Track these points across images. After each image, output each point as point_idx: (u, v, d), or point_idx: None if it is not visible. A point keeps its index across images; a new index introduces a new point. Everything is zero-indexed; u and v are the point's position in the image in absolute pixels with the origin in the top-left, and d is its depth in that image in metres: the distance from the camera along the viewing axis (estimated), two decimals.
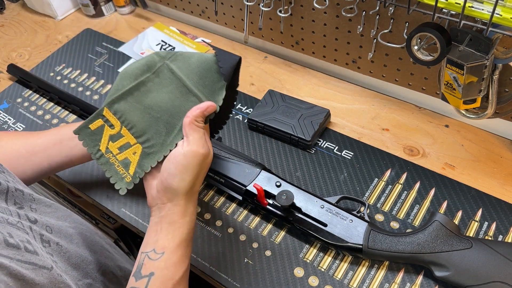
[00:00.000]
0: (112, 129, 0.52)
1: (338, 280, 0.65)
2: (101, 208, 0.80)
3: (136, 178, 0.52)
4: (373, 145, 0.81)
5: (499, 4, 0.58)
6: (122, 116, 0.52)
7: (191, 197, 0.52)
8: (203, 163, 0.51)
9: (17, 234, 0.46)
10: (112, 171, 0.53)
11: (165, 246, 0.50)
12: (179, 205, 0.51)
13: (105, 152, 0.53)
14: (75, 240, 0.59)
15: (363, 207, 0.69)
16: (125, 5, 1.19)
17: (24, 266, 0.43)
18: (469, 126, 0.82)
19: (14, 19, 1.26)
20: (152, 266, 0.49)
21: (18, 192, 0.54)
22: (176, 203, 0.51)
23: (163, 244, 0.50)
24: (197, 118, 0.51)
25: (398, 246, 0.62)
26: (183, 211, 0.51)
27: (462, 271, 0.59)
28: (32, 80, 1.00)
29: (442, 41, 0.66)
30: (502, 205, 0.70)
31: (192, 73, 0.52)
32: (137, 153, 0.51)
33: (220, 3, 1.02)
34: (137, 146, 0.51)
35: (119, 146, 0.52)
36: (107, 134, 0.52)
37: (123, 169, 0.52)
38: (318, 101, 0.90)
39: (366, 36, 0.84)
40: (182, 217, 0.51)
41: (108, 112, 0.52)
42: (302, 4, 0.88)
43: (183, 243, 0.51)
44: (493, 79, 0.70)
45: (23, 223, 0.50)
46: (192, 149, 0.50)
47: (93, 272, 0.59)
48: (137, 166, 0.51)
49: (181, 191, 0.50)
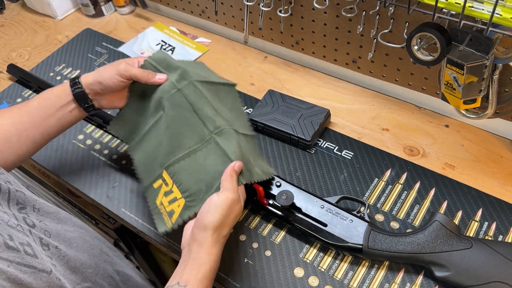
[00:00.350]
0: (167, 187, 0.64)
1: (338, 280, 0.65)
2: (101, 208, 0.80)
3: (176, 225, 0.62)
4: (373, 145, 0.81)
5: (499, 4, 0.58)
6: (174, 176, 0.64)
7: (219, 239, 0.57)
8: (233, 206, 0.58)
9: (18, 236, 0.47)
10: (159, 218, 0.64)
11: (189, 280, 0.54)
12: (206, 243, 0.56)
13: (159, 205, 0.64)
14: (74, 244, 0.59)
15: (363, 207, 0.69)
16: (125, 5, 1.19)
17: (23, 270, 0.44)
18: (469, 126, 0.82)
19: (14, 19, 1.26)
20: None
21: (20, 193, 0.54)
22: (204, 241, 0.56)
23: (187, 278, 0.54)
24: (232, 172, 0.60)
25: (398, 246, 0.62)
26: (209, 250, 0.56)
27: (462, 271, 0.59)
28: (32, 80, 1.00)
29: (442, 41, 0.66)
30: (502, 205, 0.70)
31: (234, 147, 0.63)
32: (180, 206, 0.62)
33: (220, 3, 1.02)
34: (182, 200, 0.62)
35: (169, 200, 0.63)
36: (163, 191, 0.64)
37: (167, 218, 0.63)
38: (318, 101, 0.90)
39: (366, 36, 0.84)
40: (207, 255, 0.56)
41: (166, 174, 0.64)
42: (302, 4, 0.88)
43: (204, 280, 0.55)
44: (493, 79, 0.70)
45: (23, 226, 0.50)
46: (225, 193, 0.58)
47: (92, 276, 0.59)
48: (178, 216, 0.62)
49: (209, 226, 0.56)
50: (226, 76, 0.98)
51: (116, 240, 1.04)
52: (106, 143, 0.88)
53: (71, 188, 0.84)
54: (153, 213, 0.65)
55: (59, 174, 0.84)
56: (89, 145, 0.88)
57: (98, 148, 0.87)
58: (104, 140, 0.88)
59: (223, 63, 1.02)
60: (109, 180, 0.81)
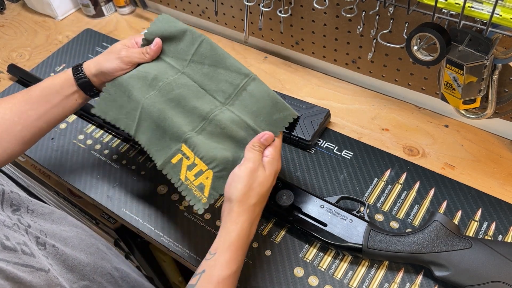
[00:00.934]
0: (188, 160, 0.62)
1: (338, 280, 0.65)
2: (101, 208, 0.80)
3: (211, 198, 0.61)
4: (373, 145, 0.81)
5: (499, 4, 0.58)
6: (195, 148, 0.62)
7: (245, 208, 0.58)
8: (253, 175, 0.58)
9: (14, 236, 0.46)
10: (191, 195, 0.61)
11: (217, 247, 0.56)
12: (233, 211, 0.57)
13: (184, 180, 0.62)
14: (70, 243, 0.59)
15: (363, 207, 0.69)
16: (125, 5, 1.19)
17: (21, 269, 0.44)
18: (469, 126, 0.82)
19: (14, 19, 1.26)
20: (205, 265, 0.56)
21: (14, 194, 0.54)
22: (230, 210, 0.58)
23: (216, 246, 0.57)
24: (254, 143, 0.61)
25: (398, 246, 0.62)
26: (235, 217, 0.57)
27: (461, 271, 0.59)
28: (32, 80, 1.00)
29: (442, 41, 0.66)
30: (501, 205, 0.70)
31: (249, 113, 0.64)
32: (209, 178, 0.61)
33: (220, 4, 1.03)
34: (209, 171, 0.61)
35: (194, 174, 0.61)
36: (185, 165, 0.62)
37: (199, 192, 0.61)
38: (318, 101, 0.90)
39: (366, 36, 0.84)
40: (234, 223, 0.57)
41: (185, 147, 0.63)
42: (302, 4, 0.88)
43: (232, 247, 0.56)
44: (492, 79, 0.71)
45: (19, 225, 0.50)
46: (244, 164, 0.59)
47: (90, 274, 0.59)
48: (210, 188, 0.61)
49: (233, 197, 0.57)
50: None
51: (117, 240, 1.04)
52: (107, 143, 0.88)
53: (71, 188, 0.84)
54: (180, 189, 0.63)
55: (59, 174, 0.84)
56: (89, 145, 0.88)
57: (99, 148, 0.87)
58: (104, 140, 0.89)
59: None
60: (109, 180, 0.82)
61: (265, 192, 0.60)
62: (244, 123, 0.64)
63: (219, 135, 0.63)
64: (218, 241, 0.57)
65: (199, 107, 0.65)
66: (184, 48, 0.70)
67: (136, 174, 0.82)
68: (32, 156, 0.87)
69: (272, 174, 0.61)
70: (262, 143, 0.61)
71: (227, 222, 0.57)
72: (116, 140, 0.88)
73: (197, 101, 0.66)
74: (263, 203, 0.61)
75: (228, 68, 0.67)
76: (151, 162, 0.83)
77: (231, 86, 0.66)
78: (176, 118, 0.64)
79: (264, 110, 0.64)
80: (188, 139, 0.62)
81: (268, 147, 0.62)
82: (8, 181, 0.57)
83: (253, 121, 0.64)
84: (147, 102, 0.66)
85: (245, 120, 0.64)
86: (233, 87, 0.66)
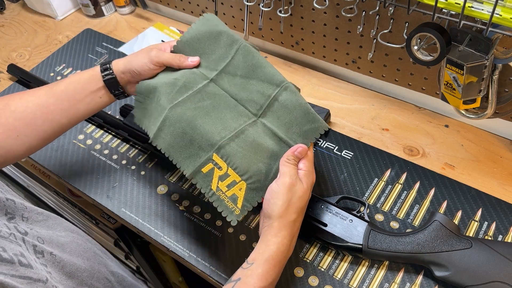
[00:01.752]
0: (220, 170, 0.61)
1: (338, 280, 0.65)
2: (101, 208, 0.80)
3: (245, 210, 0.60)
4: (373, 145, 0.81)
5: (499, 4, 0.58)
6: (228, 159, 0.61)
7: (286, 223, 0.58)
8: (291, 190, 0.58)
9: (10, 247, 0.46)
10: (223, 206, 0.60)
11: (255, 258, 0.56)
12: (272, 226, 0.57)
13: (216, 191, 0.61)
14: (67, 249, 0.59)
15: (363, 207, 0.69)
16: (125, 5, 1.19)
17: (19, 281, 0.43)
18: (469, 126, 0.82)
19: (14, 19, 1.26)
20: (241, 273, 0.55)
21: (10, 201, 0.54)
22: (270, 225, 0.58)
23: (254, 256, 0.56)
24: (288, 157, 0.61)
25: (398, 246, 0.62)
26: (275, 232, 0.57)
27: (462, 271, 0.59)
28: (32, 80, 1.00)
29: (442, 41, 0.66)
30: (502, 205, 0.70)
31: (281, 124, 0.64)
32: (242, 189, 0.60)
33: (220, 3, 1.03)
34: (242, 183, 0.60)
35: (227, 184, 0.60)
36: (217, 175, 0.61)
37: (232, 204, 0.60)
38: (318, 101, 0.90)
39: (366, 36, 0.84)
40: (273, 237, 0.57)
41: (217, 157, 0.61)
42: (302, 4, 0.88)
43: (270, 260, 0.56)
44: (493, 79, 0.71)
45: (16, 234, 0.50)
46: (281, 179, 0.59)
47: (88, 280, 0.59)
48: (244, 200, 0.60)
49: (273, 214, 0.57)
50: None
51: (116, 240, 1.04)
52: (107, 143, 0.88)
53: (71, 188, 0.84)
54: (212, 199, 0.61)
55: (59, 174, 0.84)
56: (89, 145, 0.88)
57: (99, 148, 0.87)
58: (104, 140, 0.89)
59: None
60: (109, 180, 0.82)
61: (304, 206, 0.60)
62: (276, 135, 0.64)
63: (251, 146, 0.62)
64: (257, 252, 0.57)
65: (231, 117, 0.64)
66: (217, 58, 0.68)
67: (136, 174, 0.82)
68: (32, 156, 0.87)
69: (309, 186, 0.61)
70: (296, 156, 0.61)
71: (267, 235, 0.57)
72: (116, 140, 0.88)
73: (229, 111, 0.65)
74: (301, 217, 0.61)
75: (261, 78, 0.66)
76: (151, 162, 0.83)
77: (263, 96, 0.65)
78: (207, 127, 0.63)
79: (296, 122, 0.64)
80: (221, 148, 0.61)
81: (302, 160, 0.62)
82: (4, 187, 0.57)
83: (285, 133, 0.64)
84: (177, 110, 0.64)
85: (277, 132, 0.64)
86: (265, 98, 0.65)
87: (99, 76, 0.68)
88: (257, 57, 0.67)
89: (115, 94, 0.70)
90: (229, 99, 0.66)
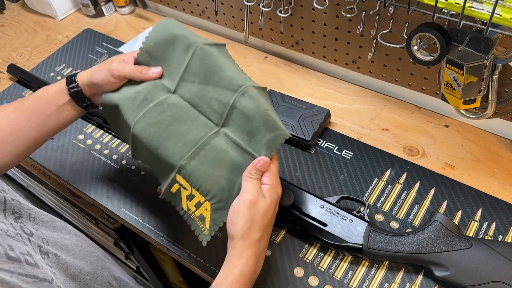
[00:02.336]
0: (186, 191, 0.60)
1: (338, 280, 0.65)
2: (101, 208, 0.80)
3: (212, 231, 0.59)
4: (373, 145, 0.81)
5: (499, 4, 0.58)
6: (190, 179, 0.59)
7: (249, 243, 0.55)
8: (253, 208, 0.55)
9: (18, 246, 0.46)
10: (194, 225, 0.60)
11: (220, 283, 0.54)
12: (236, 247, 0.55)
13: (186, 210, 0.60)
14: (71, 251, 0.59)
15: (363, 207, 0.69)
16: (125, 5, 1.19)
17: (25, 280, 0.43)
18: (469, 126, 0.82)
19: (14, 19, 1.26)
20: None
21: (16, 202, 0.54)
22: (234, 246, 0.55)
23: (219, 281, 0.54)
24: (250, 171, 0.57)
25: (398, 246, 0.62)
26: (238, 253, 0.55)
27: (461, 271, 0.59)
28: (32, 80, 1.00)
29: (442, 41, 0.66)
30: (502, 205, 0.70)
31: (243, 134, 0.60)
32: (208, 209, 0.58)
33: (220, 3, 1.03)
34: (207, 203, 0.59)
35: (194, 204, 0.59)
36: (184, 195, 0.60)
37: (201, 223, 0.59)
38: (318, 101, 0.90)
39: (366, 36, 0.84)
40: (237, 259, 0.55)
41: (180, 177, 0.59)
42: (302, 4, 0.88)
43: (234, 284, 0.54)
44: (493, 79, 0.71)
45: (22, 235, 0.50)
46: (242, 196, 0.56)
47: (91, 283, 0.59)
48: (210, 220, 0.58)
49: (236, 234, 0.55)
50: None
51: (116, 240, 1.04)
52: (107, 143, 0.88)
53: (71, 188, 0.84)
54: (185, 218, 0.60)
55: (59, 174, 0.84)
56: (89, 145, 0.88)
57: (98, 148, 0.87)
58: (104, 140, 0.89)
59: None
60: (109, 180, 0.81)
61: (268, 223, 0.57)
62: (239, 146, 0.60)
63: (213, 162, 0.59)
64: (221, 276, 0.55)
65: (192, 130, 0.61)
66: (176, 65, 0.64)
67: (136, 174, 0.82)
68: (32, 156, 0.87)
69: (274, 201, 0.58)
70: (258, 170, 0.57)
71: (230, 257, 0.55)
72: (116, 140, 0.88)
73: (190, 123, 0.61)
74: (268, 235, 0.58)
75: (217, 84, 0.61)
76: None
77: (221, 104, 0.60)
78: (168, 143, 0.60)
79: (258, 131, 0.59)
80: (182, 168, 0.59)
81: (265, 173, 0.58)
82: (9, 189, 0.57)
83: (248, 143, 0.60)
84: (137, 127, 0.62)
85: (240, 143, 0.60)
86: (223, 106, 0.60)
87: (65, 90, 0.66)
88: (213, 60, 0.62)
89: (83, 107, 0.68)
90: (191, 109, 0.62)
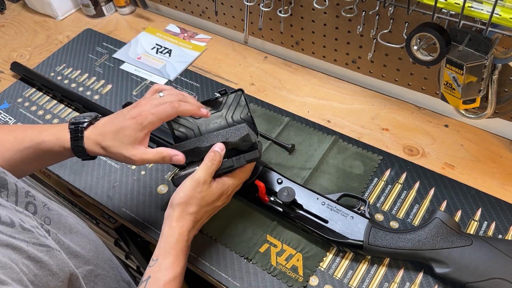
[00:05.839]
0: (276, 248, 0.69)
1: (338, 279, 0.65)
2: (101, 208, 0.80)
3: (307, 276, 0.66)
4: (373, 145, 0.81)
5: (499, 4, 0.58)
6: (281, 237, 0.70)
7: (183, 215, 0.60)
8: (197, 186, 0.60)
9: (27, 220, 0.48)
10: (286, 277, 0.66)
11: (158, 254, 0.58)
12: (169, 217, 0.60)
13: (276, 265, 0.67)
14: (74, 229, 0.60)
15: (364, 204, 0.69)
16: (126, 5, 1.19)
17: (39, 249, 0.46)
18: (469, 126, 0.83)
19: (14, 19, 1.26)
20: (149, 271, 0.57)
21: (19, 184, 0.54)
22: (168, 216, 0.61)
23: (157, 252, 0.59)
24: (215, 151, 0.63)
25: (399, 243, 0.62)
26: (171, 223, 0.60)
27: (462, 268, 0.59)
28: (35, 77, 1.00)
29: (442, 41, 0.66)
30: (501, 205, 0.70)
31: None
32: (299, 260, 0.67)
33: (220, 3, 1.03)
34: (298, 254, 0.68)
35: (285, 258, 0.68)
36: (274, 252, 0.69)
37: (293, 273, 0.66)
38: (318, 101, 0.90)
39: (366, 36, 0.84)
40: (169, 229, 0.59)
41: (270, 237, 0.70)
42: (302, 4, 0.88)
43: (172, 251, 0.58)
44: (492, 79, 0.71)
45: (26, 212, 0.51)
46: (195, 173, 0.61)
47: (94, 259, 0.61)
48: (303, 267, 0.66)
49: (174, 202, 0.60)
50: (226, 76, 0.99)
51: (117, 240, 1.04)
52: None
53: (71, 188, 0.84)
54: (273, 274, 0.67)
55: (59, 174, 0.84)
56: None
57: None
58: None
59: (223, 63, 1.02)
60: (109, 180, 0.82)
61: (206, 204, 0.62)
62: None
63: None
64: (158, 248, 0.59)
65: None
66: None
67: (137, 174, 0.82)
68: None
69: (218, 192, 0.62)
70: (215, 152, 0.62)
71: (165, 227, 0.60)
72: None
73: None
74: (204, 215, 0.63)
75: None
76: None
77: None
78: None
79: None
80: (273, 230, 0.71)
81: (231, 177, 0.64)
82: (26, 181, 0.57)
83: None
84: None
85: None
86: None
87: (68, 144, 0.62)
88: None
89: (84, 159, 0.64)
90: None
